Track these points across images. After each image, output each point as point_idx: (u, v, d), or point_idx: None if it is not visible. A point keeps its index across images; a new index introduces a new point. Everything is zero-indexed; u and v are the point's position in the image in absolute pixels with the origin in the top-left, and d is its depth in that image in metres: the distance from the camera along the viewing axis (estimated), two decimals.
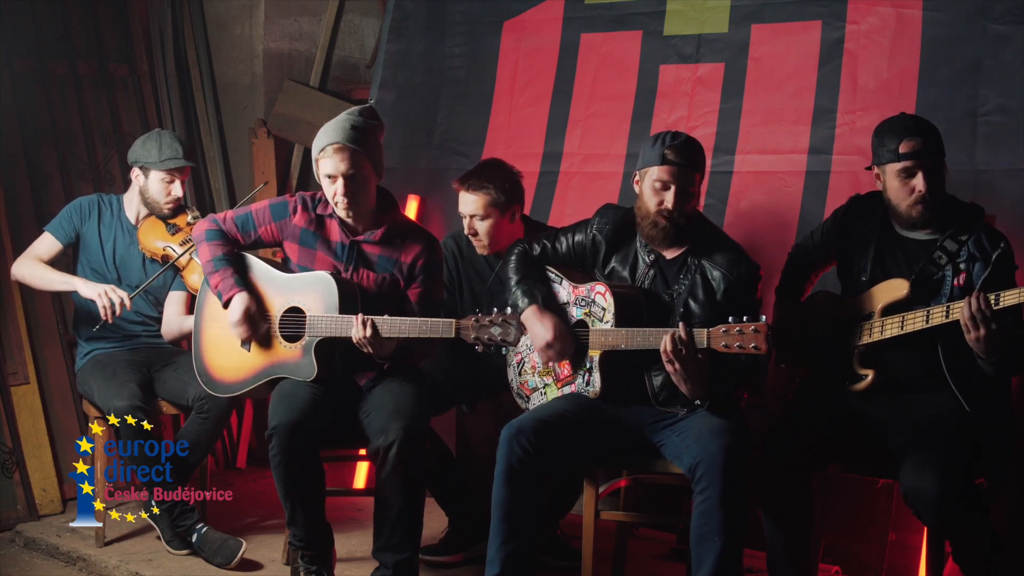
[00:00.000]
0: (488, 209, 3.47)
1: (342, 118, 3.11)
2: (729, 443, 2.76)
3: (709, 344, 2.75)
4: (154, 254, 3.73)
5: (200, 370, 3.34)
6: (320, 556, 3.16)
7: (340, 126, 3.09)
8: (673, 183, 2.91)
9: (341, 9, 5.15)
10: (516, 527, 2.85)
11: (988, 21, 3.47)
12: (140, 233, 3.75)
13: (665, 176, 2.92)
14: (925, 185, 2.84)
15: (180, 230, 3.75)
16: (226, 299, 3.16)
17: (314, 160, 3.14)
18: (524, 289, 3.12)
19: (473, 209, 3.49)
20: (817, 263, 3.17)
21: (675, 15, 4.03)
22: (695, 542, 2.79)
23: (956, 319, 2.70)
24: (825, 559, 3.33)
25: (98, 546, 3.66)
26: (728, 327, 2.73)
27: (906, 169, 2.86)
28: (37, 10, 4.47)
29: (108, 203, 3.84)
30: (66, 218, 3.78)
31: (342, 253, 3.20)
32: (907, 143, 2.85)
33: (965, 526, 2.74)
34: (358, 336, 3.01)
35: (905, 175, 2.87)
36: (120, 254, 3.77)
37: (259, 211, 3.26)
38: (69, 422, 4.18)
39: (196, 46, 5.02)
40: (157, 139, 3.74)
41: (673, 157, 2.90)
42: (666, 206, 2.92)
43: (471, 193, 3.48)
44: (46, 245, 3.76)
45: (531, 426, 2.87)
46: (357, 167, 3.08)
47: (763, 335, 2.68)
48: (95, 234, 3.77)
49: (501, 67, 4.40)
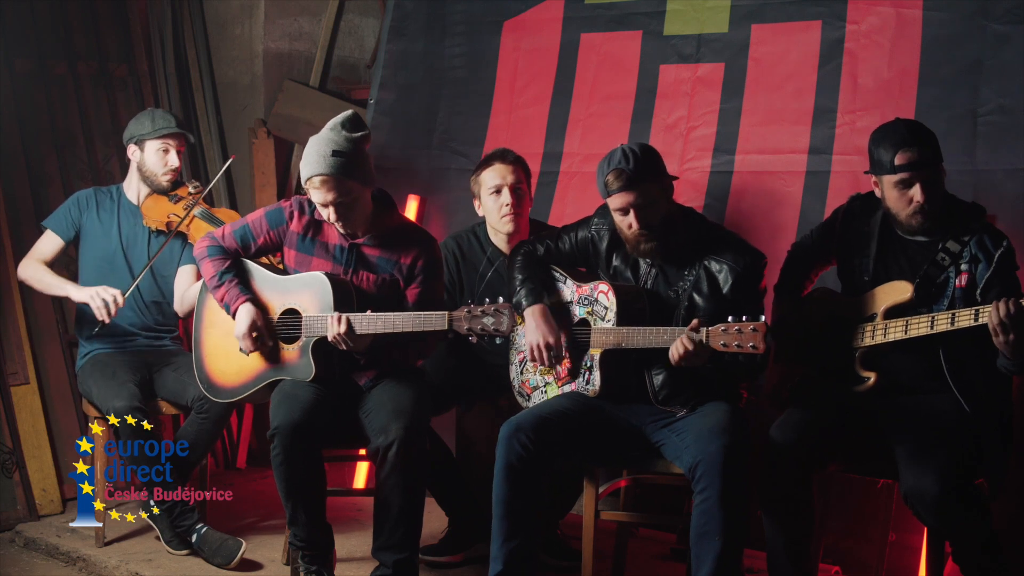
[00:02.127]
0: (522, 178, 3.55)
1: (323, 142, 3.07)
2: (729, 443, 2.76)
3: (708, 343, 2.75)
4: (159, 224, 3.74)
5: (202, 377, 3.34)
6: (320, 556, 3.16)
7: (321, 154, 3.05)
8: (630, 206, 2.92)
9: (341, 9, 5.15)
10: (517, 524, 2.86)
11: (988, 21, 3.47)
12: (143, 209, 3.77)
13: (618, 203, 2.94)
14: (923, 196, 2.83)
15: (182, 199, 3.77)
16: (233, 310, 3.17)
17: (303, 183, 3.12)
18: (529, 288, 3.14)
19: (514, 179, 3.52)
20: (817, 261, 3.17)
21: (675, 15, 4.03)
22: (695, 542, 2.79)
23: (961, 327, 2.70)
24: (825, 559, 3.33)
25: (98, 546, 3.66)
26: (727, 326, 2.73)
27: (903, 181, 2.84)
28: (37, 10, 4.47)
29: (107, 192, 3.86)
30: (65, 212, 3.79)
31: (341, 256, 3.20)
32: (903, 155, 2.82)
33: (965, 526, 2.74)
34: (333, 333, 3.01)
35: (902, 186, 2.85)
36: (126, 234, 3.78)
37: (255, 222, 3.26)
38: (69, 422, 4.18)
39: (196, 46, 5.03)
40: (150, 114, 3.80)
41: (614, 185, 2.91)
42: (635, 228, 2.94)
43: (506, 163, 3.53)
44: (48, 243, 3.77)
45: (530, 423, 2.88)
46: (344, 193, 3.08)
47: (761, 334, 2.68)
48: (96, 223, 3.78)
49: (501, 67, 4.40)
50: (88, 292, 3.59)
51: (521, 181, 3.54)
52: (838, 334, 2.97)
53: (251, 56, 5.00)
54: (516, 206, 3.51)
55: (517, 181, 3.52)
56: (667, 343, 2.83)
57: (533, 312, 3.09)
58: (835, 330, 2.98)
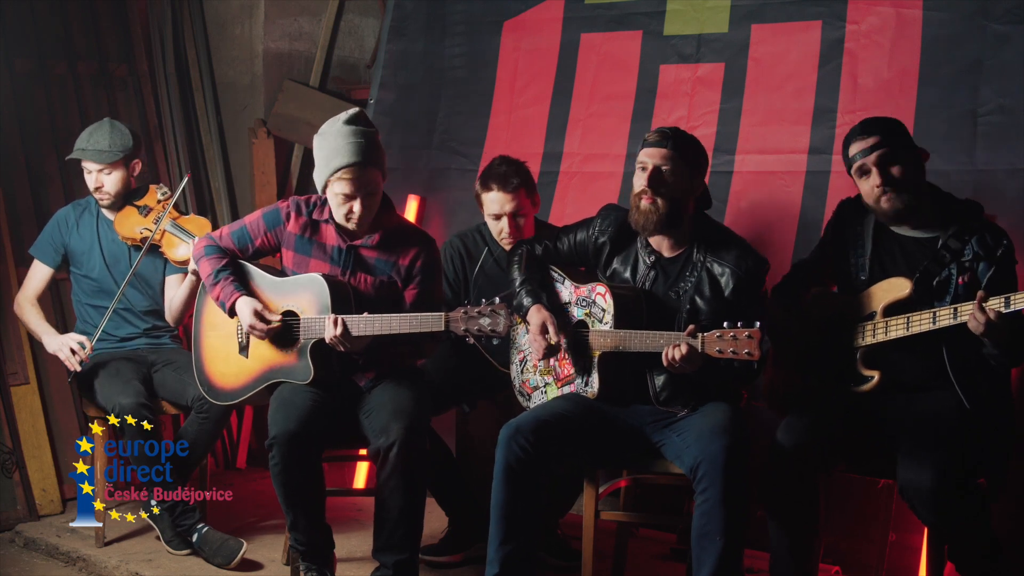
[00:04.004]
0: (525, 203, 3.47)
1: (341, 136, 3.06)
2: (730, 443, 2.76)
3: (703, 349, 2.76)
4: (133, 241, 3.74)
5: (201, 379, 3.34)
6: (321, 557, 3.16)
7: (346, 146, 3.04)
8: (648, 163, 2.92)
9: (341, 9, 5.15)
10: (515, 527, 2.85)
11: (988, 21, 3.47)
12: (115, 225, 3.76)
13: (643, 157, 2.95)
14: (880, 177, 2.86)
15: (151, 209, 3.76)
16: (229, 306, 3.16)
17: (324, 180, 3.09)
18: (528, 289, 3.13)
19: (513, 207, 3.45)
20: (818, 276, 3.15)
21: (675, 15, 4.03)
22: (696, 542, 2.79)
23: (964, 321, 2.70)
24: (825, 559, 3.33)
25: (98, 546, 3.66)
26: (722, 332, 2.73)
27: (859, 169, 2.90)
28: (37, 10, 4.47)
29: (84, 205, 3.84)
30: (48, 239, 3.80)
31: (339, 258, 3.20)
32: (855, 145, 2.90)
33: (960, 522, 2.73)
34: (330, 335, 3.01)
35: (860, 175, 2.91)
36: (109, 253, 3.78)
37: (253, 223, 3.26)
38: (69, 422, 4.18)
39: (196, 46, 5.02)
40: (92, 129, 3.78)
41: (650, 139, 2.94)
42: (642, 185, 2.92)
43: (507, 191, 3.44)
44: (38, 274, 3.80)
45: (530, 426, 2.88)
46: (375, 184, 3.09)
47: (756, 341, 2.69)
48: (79, 242, 3.78)
49: (501, 67, 4.39)
50: (56, 343, 3.63)
51: (522, 207, 3.46)
52: (838, 334, 2.96)
53: (251, 56, 5.00)
54: (515, 232, 3.47)
55: (517, 208, 3.45)
56: (663, 348, 2.83)
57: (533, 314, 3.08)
58: (834, 330, 2.97)
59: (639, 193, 2.94)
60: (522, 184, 3.46)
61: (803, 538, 2.86)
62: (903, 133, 2.92)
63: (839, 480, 3.15)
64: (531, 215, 3.53)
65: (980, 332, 2.64)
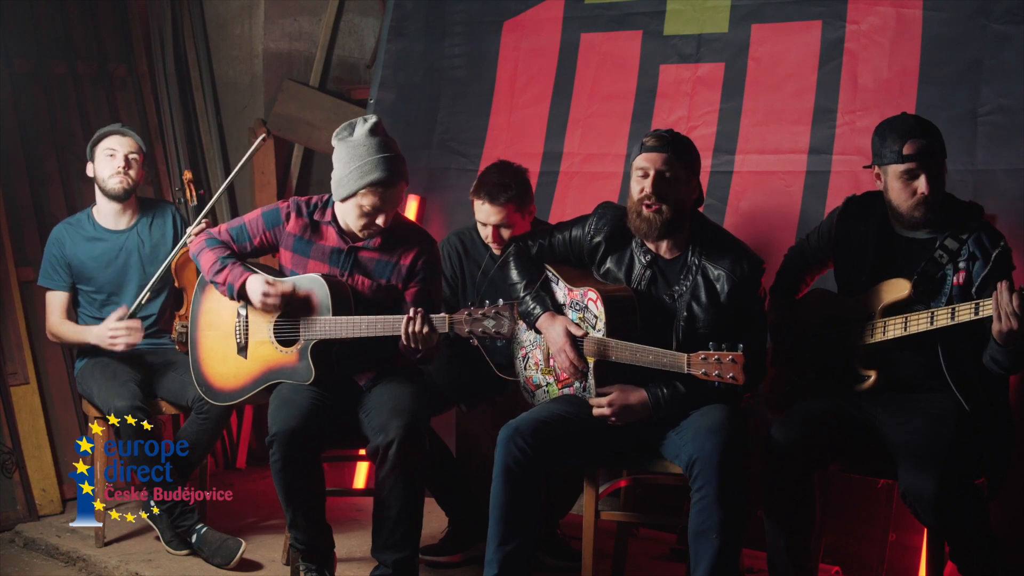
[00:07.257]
0: (513, 216, 3.44)
1: (370, 148, 3.04)
2: (725, 440, 2.75)
3: (688, 370, 2.75)
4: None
5: (199, 380, 3.33)
6: (321, 557, 3.16)
7: (383, 159, 3.03)
8: (650, 168, 2.89)
9: (341, 9, 5.15)
10: (514, 527, 2.85)
11: (988, 21, 3.47)
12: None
13: (643, 163, 2.91)
14: (928, 187, 2.82)
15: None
16: (238, 286, 3.14)
17: (352, 191, 3.06)
18: (534, 295, 3.12)
19: (498, 219, 3.44)
20: (813, 265, 3.16)
21: (675, 15, 4.03)
22: (693, 540, 2.79)
23: (962, 321, 2.70)
24: (825, 559, 3.33)
25: (98, 546, 3.66)
26: (707, 355, 2.73)
27: (909, 171, 2.84)
28: (37, 10, 4.47)
29: (75, 223, 3.80)
30: (50, 264, 3.76)
31: (338, 259, 3.19)
32: (911, 144, 2.82)
33: (963, 526, 2.73)
34: (416, 328, 2.96)
35: (908, 177, 2.84)
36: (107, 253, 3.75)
37: (252, 221, 3.25)
38: (69, 422, 4.18)
39: (196, 46, 5.02)
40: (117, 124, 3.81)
41: (649, 143, 2.90)
42: (645, 192, 2.90)
43: (495, 204, 3.42)
44: (56, 303, 3.76)
45: (529, 426, 2.87)
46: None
47: (740, 366, 2.69)
48: (76, 258, 3.75)
49: (501, 67, 4.40)
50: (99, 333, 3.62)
51: (508, 220, 3.43)
52: (837, 334, 2.97)
53: (251, 56, 5.00)
54: (498, 241, 3.46)
55: (502, 221, 3.43)
56: (651, 364, 2.83)
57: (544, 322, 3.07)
58: (833, 330, 2.98)
59: (640, 200, 2.91)
60: (511, 199, 3.42)
61: (799, 536, 2.86)
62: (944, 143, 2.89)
63: (839, 480, 3.15)
64: (520, 226, 3.47)
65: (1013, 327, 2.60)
